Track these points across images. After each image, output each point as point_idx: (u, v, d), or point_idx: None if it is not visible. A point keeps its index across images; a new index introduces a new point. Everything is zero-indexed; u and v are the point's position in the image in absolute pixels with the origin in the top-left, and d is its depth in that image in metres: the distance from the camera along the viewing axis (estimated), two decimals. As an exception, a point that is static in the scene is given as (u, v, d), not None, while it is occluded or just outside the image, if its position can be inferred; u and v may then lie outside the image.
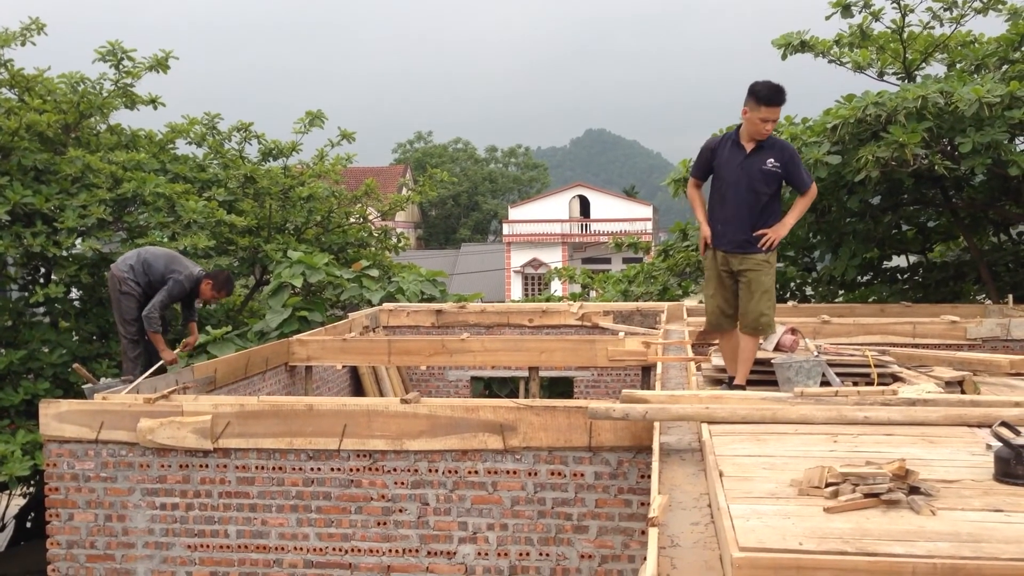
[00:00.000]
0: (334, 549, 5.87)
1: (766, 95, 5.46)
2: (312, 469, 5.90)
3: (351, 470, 5.86)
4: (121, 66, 13.66)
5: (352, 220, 17.40)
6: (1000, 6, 12.11)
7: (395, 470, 5.83)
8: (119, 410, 6.07)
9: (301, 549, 5.91)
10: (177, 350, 7.91)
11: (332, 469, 5.88)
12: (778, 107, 5.51)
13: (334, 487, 5.88)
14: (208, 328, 11.18)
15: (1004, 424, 3.89)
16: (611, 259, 46.74)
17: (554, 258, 49.99)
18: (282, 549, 5.92)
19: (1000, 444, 3.74)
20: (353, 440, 5.82)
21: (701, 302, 13.89)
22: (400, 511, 5.83)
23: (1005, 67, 11.72)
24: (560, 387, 13.95)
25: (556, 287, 37.30)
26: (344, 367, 10.98)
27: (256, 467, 5.95)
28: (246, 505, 5.96)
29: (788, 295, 14.46)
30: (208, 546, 6.00)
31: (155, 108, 14.57)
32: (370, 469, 5.85)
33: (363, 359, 9.75)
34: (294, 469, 5.91)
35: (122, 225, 12.53)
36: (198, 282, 7.90)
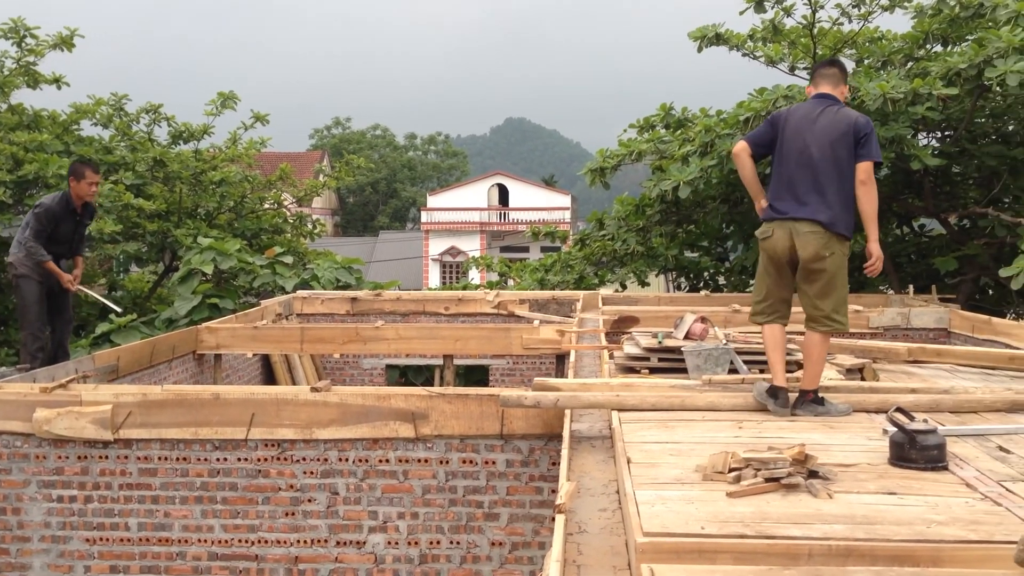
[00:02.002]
0: (240, 541, 5.74)
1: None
2: (218, 459, 5.76)
3: (259, 460, 5.74)
4: (24, 44, 13.12)
5: (266, 206, 17.08)
6: (906, 4, 12.48)
7: (304, 459, 5.73)
8: (13, 400, 5.83)
9: (206, 541, 5.77)
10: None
11: (239, 459, 5.75)
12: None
13: (241, 477, 5.76)
14: (112, 316, 10.82)
15: (899, 410, 4.01)
16: (529, 248, 46.90)
17: (473, 246, 49.94)
18: (186, 541, 5.77)
19: (895, 429, 3.85)
20: (261, 429, 5.70)
21: (617, 290, 14.05)
22: (309, 501, 5.74)
23: (910, 64, 12.08)
24: (476, 375, 13.93)
25: (474, 275, 37.27)
26: (255, 355, 10.77)
27: (159, 458, 5.78)
28: (148, 497, 5.79)
29: (701, 284, 14.71)
30: (108, 539, 5.81)
31: (59, 88, 14.06)
32: (278, 459, 5.74)
33: (275, 347, 9.57)
34: (199, 460, 5.76)
35: (23, 208, 12.05)
36: (63, 199, 7.50)
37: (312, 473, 5.74)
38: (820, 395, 4.83)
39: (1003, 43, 9.52)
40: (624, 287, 14.52)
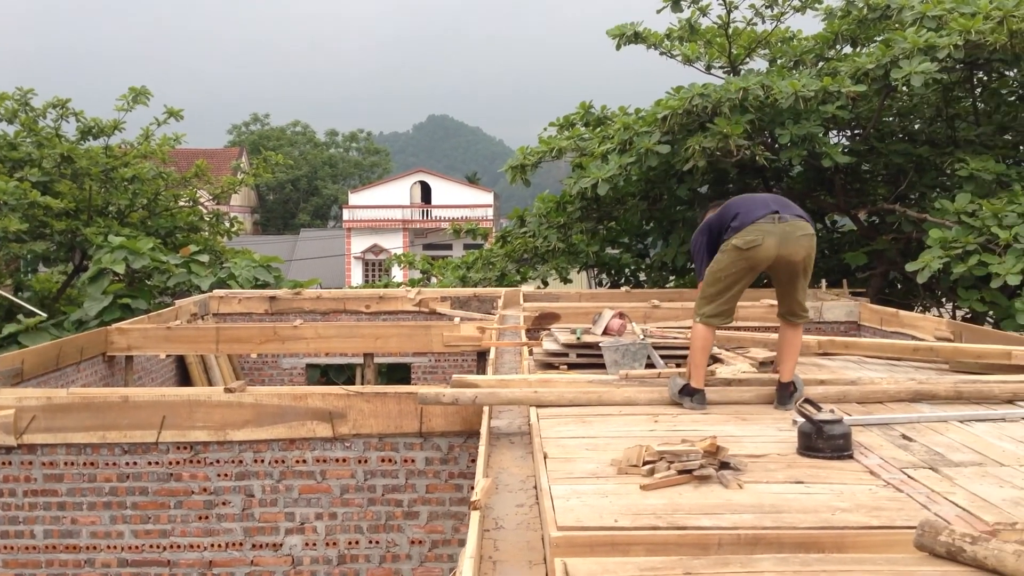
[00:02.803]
0: (151, 546, 5.59)
1: None
2: (128, 463, 5.60)
3: (170, 463, 5.60)
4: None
5: (182, 203, 16.69)
6: (817, 5, 12.81)
7: (218, 462, 5.61)
8: (-91, 405, 5.58)
9: (115, 548, 5.60)
10: None
11: (150, 463, 5.60)
12: None
13: (152, 481, 5.61)
14: (20, 317, 10.45)
15: (808, 401, 4.10)
16: (452, 245, 46.79)
17: (395, 244, 49.58)
18: (94, 548, 5.60)
19: (803, 420, 3.94)
20: (173, 432, 5.56)
21: (539, 287, 14.10)
22: (223, 504, 5.62)
23: (821, 64, 12.40)
24: (399, 373, 13.85)
25: (397, 273, 37.04)
26: (169, 357, 10.51)
27: (65, 463, 5.59)
28: (54, 503, 5.60)
29: (622, 280, 14.86)
30: (12, 547, 5.60)
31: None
32: (191, 461, 5.61)
33: (189, 348, 9.36)
34: (107, 464, 5.59)
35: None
36: None
37: (226, 475, 5.62)
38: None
39: (908, 44, 9.84)
40: (546, 284, 14.59)
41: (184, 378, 11.00)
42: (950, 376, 5.88)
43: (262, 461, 5.62)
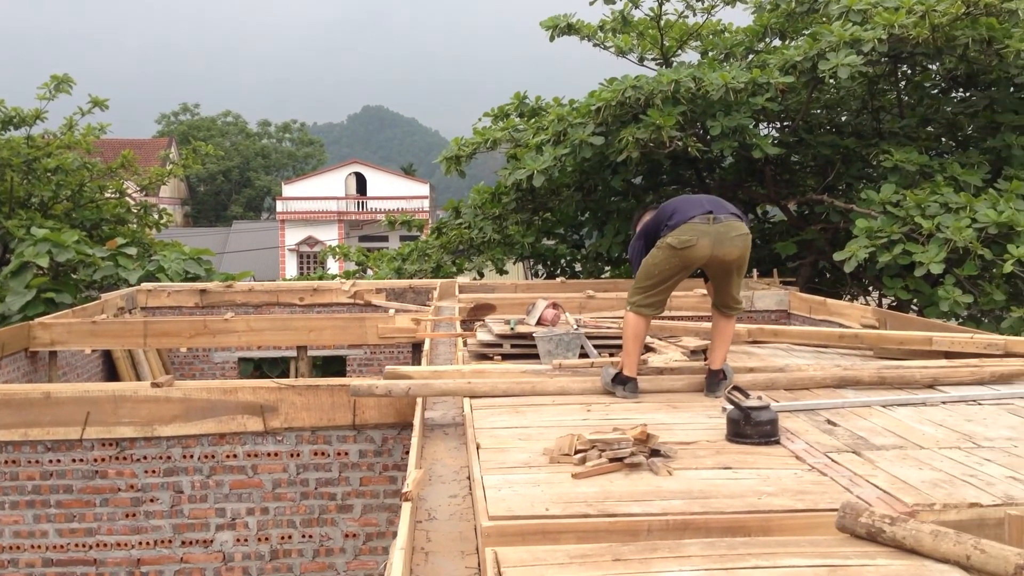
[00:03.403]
0: (77, 545, 5.46)
1: None
2: (51, 461, 5.46)
3: (95, 460, 5.47)
4: None
5: (108, 195, 16.28)
6: (747, -2, 13.01)
7: (145, 458, 5.50)
8: None
9: (39, 547, 5.45)
10: None
11: (74, 460, 5.46)
12: None
13: (76, 479, 5.47)
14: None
15: (737, 388, 4.17)
16: (388, 237, 46.49)
17: (330, 236, 49.08)
18: (17, 548, 5.44)
19: (732, 407, 4.01)
20: (98, 428, 5.43)
21: (475, 279, 14.10)
22: (151, 501, 5.51)
23: (751, 56, 12.59)
24: (334, 366, 13.70)
25: (332, 265, 36.69)
26: (95, 352, 10.26)
27: (-15, 462, 5.43)
28: (-26, 504, 5.44)
29: (558, 271, 14.93)
30: (-71, 551, 5.42)
31: None
32: (117, 458, 5.48)
33: (116, 342, 9.13)
34: (30, 462, 5.44)
35: None
36: None
37: (154, 472, 5.51)
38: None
39: (835, 37, 10.03)
40: (482, 275, 14.58)
41: (112, 374, 10.75)
42: (874, 362, 6.03)
43: (191, 457, 5.52)
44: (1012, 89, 11.02)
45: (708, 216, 4.82)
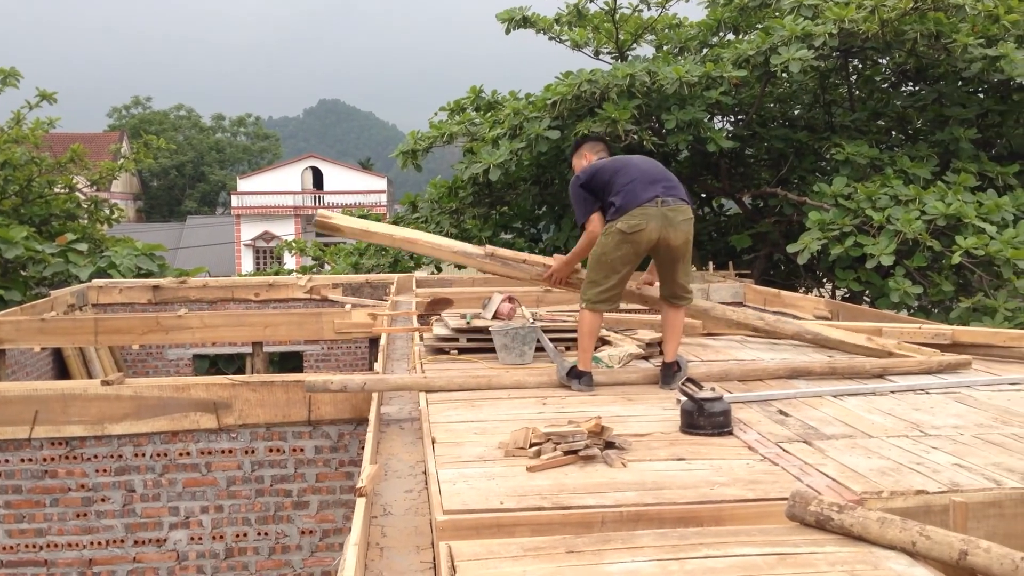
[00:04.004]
0: (27, 546, 5.37)
1: None
2: (-1, 461, 5.36)
3: (44, 460, 5.38)
4: None
5: (57, 190, 15.97)
6: (700, -7, 13.09)
7: (96, 457, 5.42)
8: None
9: (-13, 550, 5.36)
10: None
11: (22, 460, 5.37)
12: None
13: (25, 479, 5.37)
14: None
15: (690, 380, 4.21)
16: (346, 232, 46.10)
17: (287, 231, 48.60)
18: (-36, 551, 5.34)
19: (686, 399, 4.04)
20: (46, 427, 5.34)
21: (432, 273, 14.06)
22: (103, 500, 5.43)
23: (705, 50, 12.68)
24: (291, 362, 13.60)
25: (289, 260, 36.38)
26: (44, 350, 10.07)
27: (-70, 463, 5.31)
28: (-82, 506, 5.32)
29: (515, 265, 14.90)
30: None
31: None
32: (67, 458, 5.40)
33: (66, 340, 8.96)
34: (-24, 463, 5.34)
35: None
36: None
37: (105, 471, 5.43)
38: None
39: (787, 32, 10.14)
40: (439, 269, 14.54)
41: (63, 373, 10.57)
42: (825, 353, 6.11)
43: (143, 455, 5.45)
44: (960, 83, 11.23)
45: (657, 200, 4.86)
